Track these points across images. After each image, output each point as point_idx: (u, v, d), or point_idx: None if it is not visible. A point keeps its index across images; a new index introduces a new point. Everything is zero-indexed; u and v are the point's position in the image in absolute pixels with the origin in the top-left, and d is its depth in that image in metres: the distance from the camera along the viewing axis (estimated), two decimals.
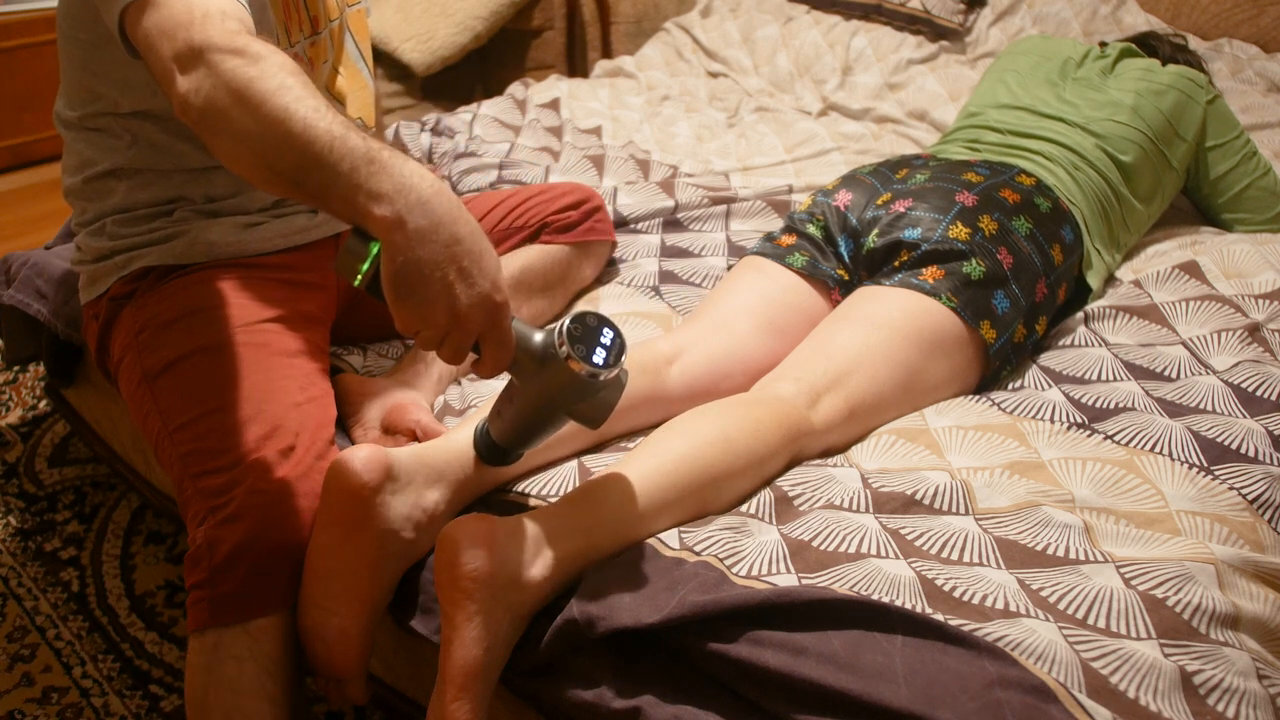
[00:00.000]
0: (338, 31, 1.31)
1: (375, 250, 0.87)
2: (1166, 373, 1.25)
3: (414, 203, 0.85)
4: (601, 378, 0.90)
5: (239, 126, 0.87)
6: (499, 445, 1.01)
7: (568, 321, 0.90)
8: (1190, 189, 1.64)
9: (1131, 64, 1.62)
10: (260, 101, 0.86)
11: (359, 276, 0.88)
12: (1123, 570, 0.93)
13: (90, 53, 1.15)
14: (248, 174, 0.91)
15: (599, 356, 0.90)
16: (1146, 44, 1.74)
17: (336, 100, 1.32)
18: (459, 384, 1.31)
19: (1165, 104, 1.53)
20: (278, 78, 0.87)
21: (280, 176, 0.88)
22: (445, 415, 1.25)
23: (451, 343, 0.88)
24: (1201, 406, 1.17)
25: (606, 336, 0.92)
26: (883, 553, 0.96)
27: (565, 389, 0.91)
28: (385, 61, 2.74)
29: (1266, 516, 1.03)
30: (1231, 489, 1.04)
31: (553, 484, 1.08)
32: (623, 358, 0.92)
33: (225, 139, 0.89)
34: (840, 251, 1.36)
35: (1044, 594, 0.91)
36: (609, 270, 1.56)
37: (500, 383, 1.21)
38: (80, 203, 1.25)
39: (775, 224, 1.71)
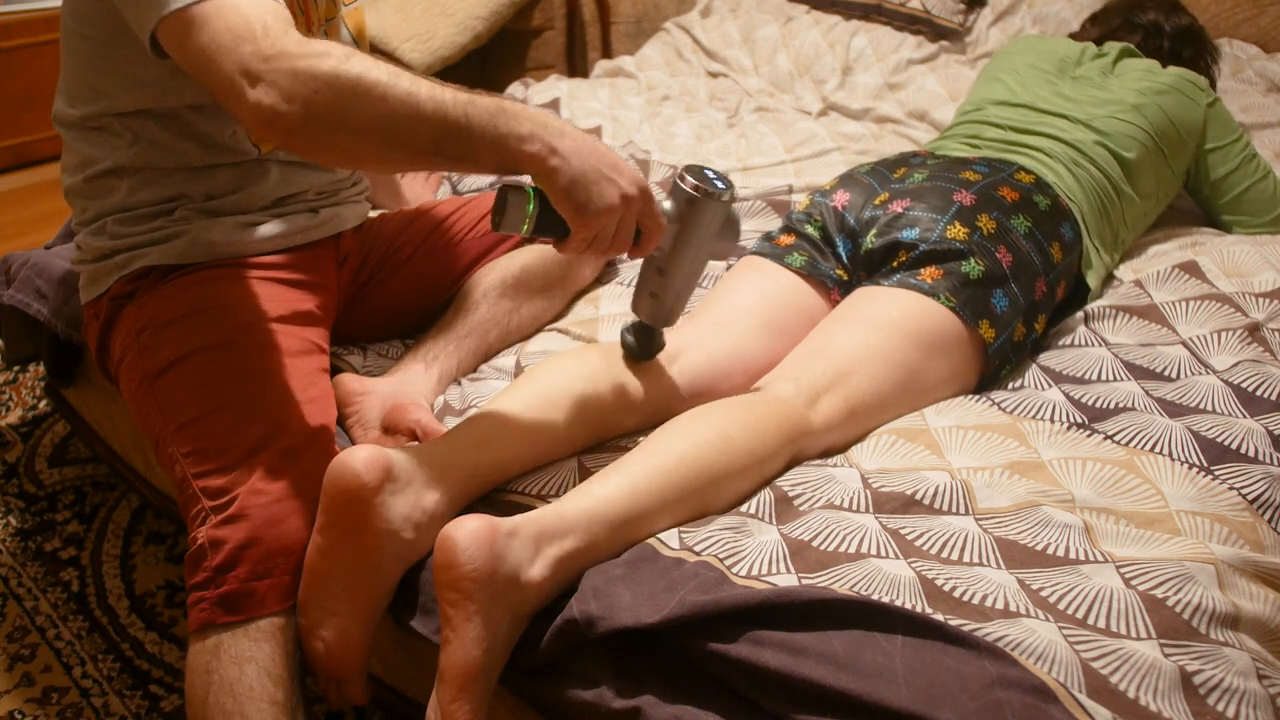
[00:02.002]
0: (335, 30, 1.31)
1: (533, 194, 0.99)
2: (1166, 373, 1.25)
3: (555, 131, 0.98)
4: (728, 198, 1.08)
5: (359, 120, 0.92)
6: (655, 329, 1.15)
7: (684, 175, 1.08)
8: (1190, 190, 1.64)
9: (1132, 64, 1.62)
10: (382, 91, 0.92)
11: (527, 222, 1.00)
12: (1123, 570, 0.93)
13: (100, 50, 1.15)
14: (373, 163, 1.00)
15: (720, 182, 1.08)
16: (1137, 25, 1.72)
17: None
18: (459, 384, 1.31)
19: (1167, 103, 1.53)
20: (378, 67, 0.93)
21: (419, 153, 0.95)
22: (445, 415, 1.25)
23: (624, 228, 1.02)
24: (1201, 406, 1.17)
25: (710, 171, 1.09)
26: (883, 553, 0.96)
27: (708, 225, 1.09)
28: (385, 61, 2.73)
29: (1266, 516, 1.03)
30: (1231, 489, 1.04)
31: (553, 484, 1.08)
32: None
33: (343, 136, 0.93)
34: (839, 252, 1.36)
35: (1044, 594, 0.91)
36: (609, 270, 1.56)
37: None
38: (81, 202, 1.25)
39: (775, 224, 1.71)
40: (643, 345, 1.17)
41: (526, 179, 1.00)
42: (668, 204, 1.09)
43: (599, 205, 0.99)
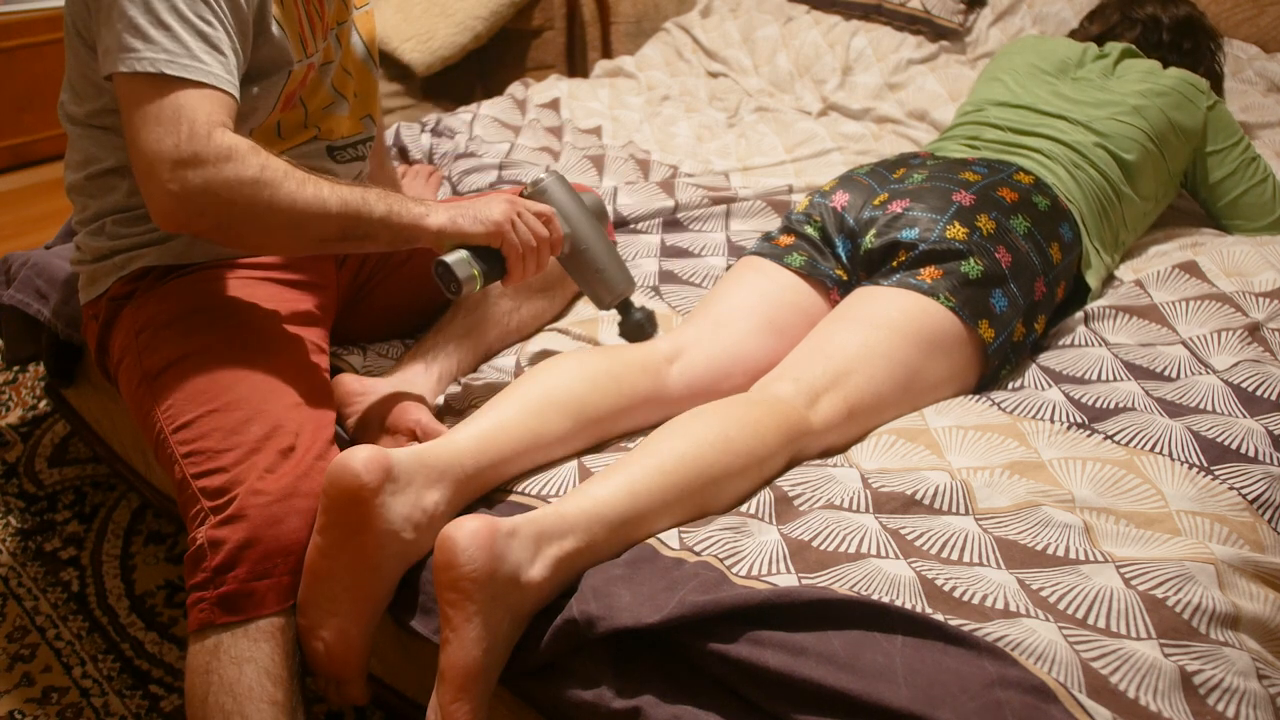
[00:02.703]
0: (345, 34, 1.32)
1: (461, 253, 1.14)
2: (1166, 373, 1.25)
3: (427, 205, 1.14)
4: (544, 176, 1.27)
5: (267, 223, 1.05)
6: (627, 302, 1.28)
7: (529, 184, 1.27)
8: (1189, 192, 1.64)
9: (1133, 65, 1.62)
10: (288, 197, 1.05)
11: (474, 268, 1.14)
12: (1123, 570, 0.93)
13: (91, 51, 1.15)
14: (284, 252, 1.17)
15: (541, 173, 1.29)
16: (1135, 19, 1.72)
17: (342, 96, 1.32)
18: (459, 384, 1.31)
19: (1167, 105, 1.53)
20: (289, 177, 1.05)
21: (327, 241, 1.10)
22: (445, 415, 1.25)
23: (530, 229, 1.17)
24: (1201, 406, 1.17)
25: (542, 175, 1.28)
26: (883, 553, 0.96)
27: (570, 193, 1.26)
28: (385, 61, 2.74)
29: (1266, 516, 1.03)
30: (1231, 489, 1.04)
31: (553, 484, 1.08)
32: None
33: (251, 235, 1.07)
34: (838, 252, 1.36)
35: (1044, 594, 0.91)
36: None
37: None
38: (82, 199, 1.25)
39: (775, 224, 1.71)
40: (628, 323, 1.28)
41: (446, 255, 1.14)
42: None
43: (498, 216, 1.15)
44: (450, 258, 1.13)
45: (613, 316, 1.35)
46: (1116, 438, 1.11)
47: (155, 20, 1.03)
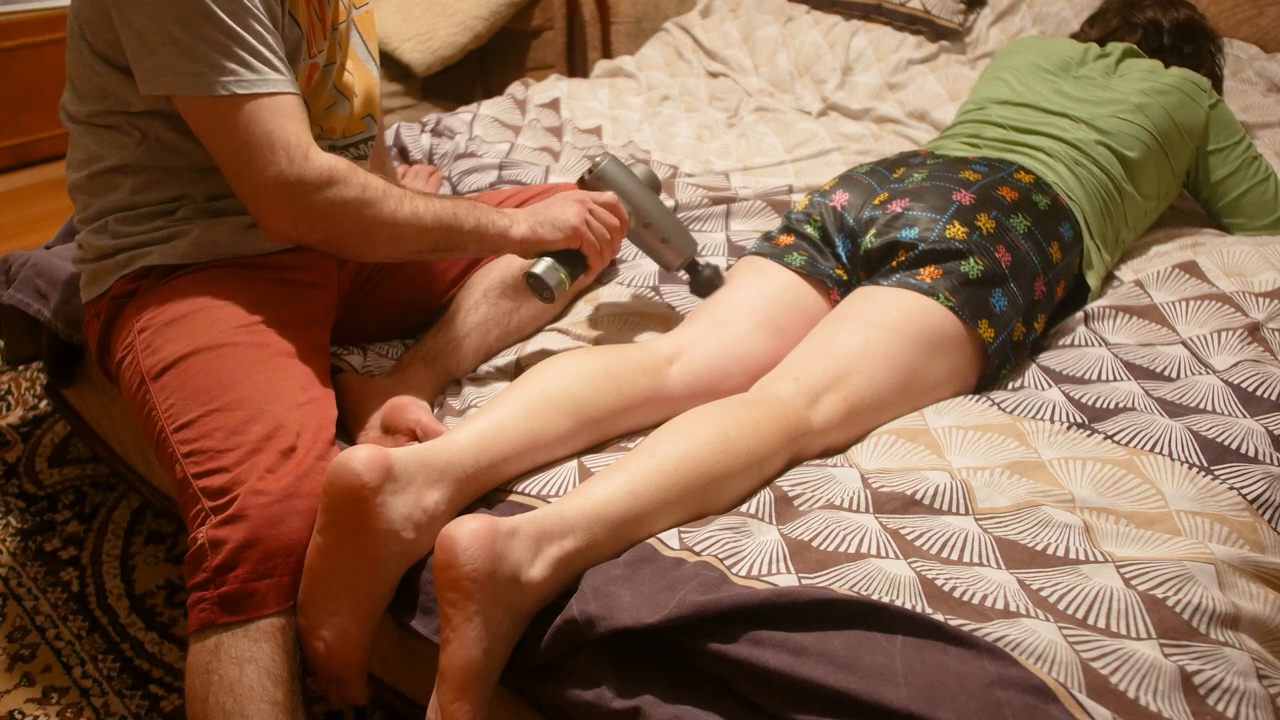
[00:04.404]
0: (345, 33, 1.32)
1: (545, 261, 1.27)
2: (1166, 373, 1.25)
3: (506, 214, 1.25)
4: (600, 159, 1.36)
5: (371, 241, 1.16)
6: (694, 261, 1.38)
7: (582, 177, 1.36)
8: (1190, 191, 1.64)
9: (1135, 64, 1.62)
10: (389, 217, 1.15)
11: (562, 273, 1.27)
12: (1123, 570, 0.93)
13: (104, 56, 1.15)
14: (381, 260, 1.24)
15: (599, 157, 1.37)
16: (1135, 24, 1.72)
17: (344, 96, 1.32)
18: (459, 384, 1.31)
19: (1169, 104, 1.53)
20: (388, 196, 1.15)
21: (420, 253, 1.21)
22: (445, 415, 1.25)
23: (602, 220, 1.30)
24: (1201, 406, 1.17)
25: (598, 157, 1.39)
26: (883, 553, 0.96)
27: (624, 180, 1.35)
28: (385, 61, 2.73)
29: (1266, 516, 1.03)
30: (1231, 489, 1.04)
31: (553, 484, 1.08)
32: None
33: (355, 249, 1.18)
34: (838, 251, 1.36)
35: (1044, 594, 0.91)
36: (609, 270, 1.56)
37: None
38: (84, 198, 1.25)
39: (775, 224, 1.71)
40: (698, 280, 1.38)
41: (531, 263, 1.28)
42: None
43: (569, 214, 1.27)
44: (539, 268, 1.26)
45: (620, 318, 1.36)
46: (1116, 438, 1.12)
47: (209, 40, 1.07)
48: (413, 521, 0.99)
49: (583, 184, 1.36)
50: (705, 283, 1.38)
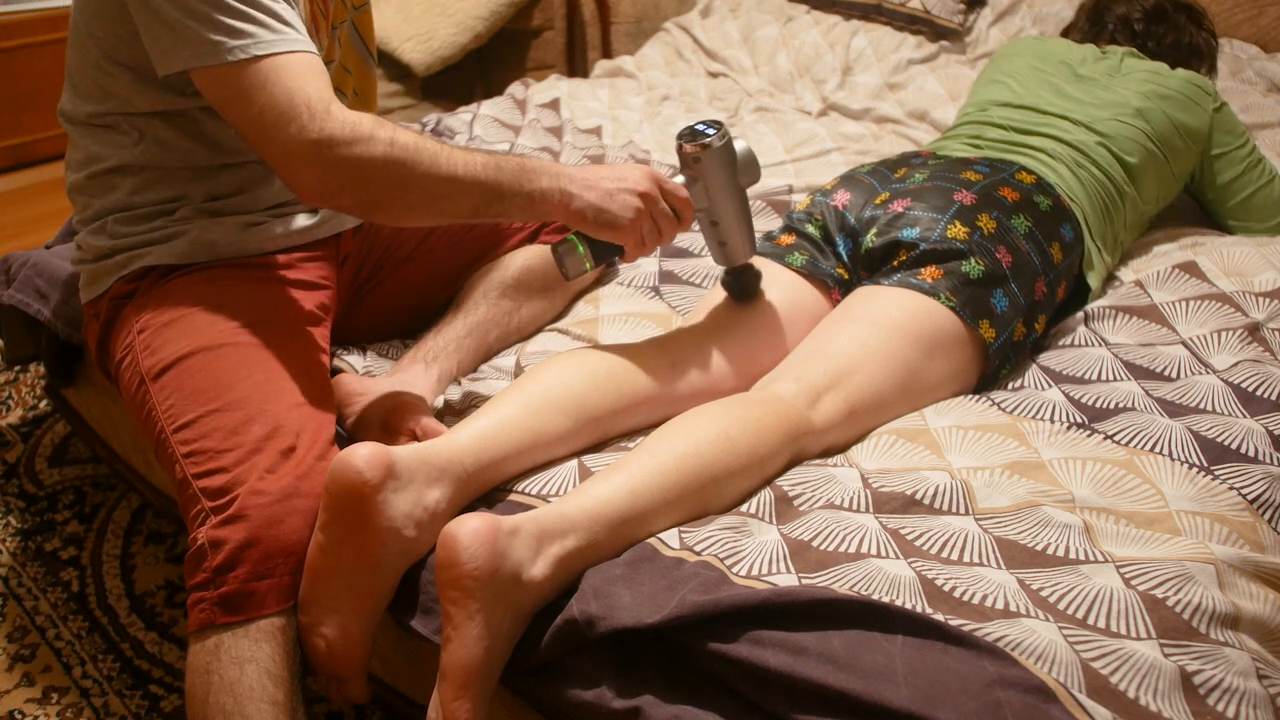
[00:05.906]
0: (345, 33, 1.32)
1: (576, 238, 1.17)
2: (1166, 372, 1.25)
3: (565, 177, 1.13)
4: (719, 141, 1.20)
5: (407, 198, 1.08)
6: (743, 267, 1.27)
7: (680, 143, 1.21)
8: (1194, 194, 1.64)
9: (1138, 65, 1.61)
10: (425, 170, 1.06)
11: (586, 262, 1.18)
12: (1123, 570, 0.93)
13: (111, 52, 1.15)
14: (420, 224, 1.18)
15: (710, 128, 1.21)
16: (1105, 25, 1.71)
17: (343, 95, 1.32)
18: (459, 384, 1.31)
19: (1171, 108, 1.53)
20: (421, 147, 1.07)
21: (460, 216, 1.12)
22: (445, 415, 1.25)
23: (659, 216, 1.17)
24: (1201, 406, 1.17)
25: (700, 124, 1.22)
26: (883, 553, 0.96)
27: (721, 168, 1.21)
28: (385, 61, 2.74)
29: (1266, 516, 1.03)
30: (1231, 489, 1.04)
31: (553, 484, 1.08)
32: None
33: (393, 210, 1.10)
34: (839, 251, 1.36)
35: (1044, 594, 0.91)
36: (609, 270, 1.56)
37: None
38: (83, 198, 1.25)
39: (775, 224, 1.71)
40: (741, 285, 1.28)
41: (562, 238, 1.18)
42: (679, 177, 1.22)
43: (626, 216, 1.14)
44: (563, 248, 1.18)
45: (620, 318, 1.35)
46: (1116, 438, 1.12)
47: (226, 8, 1.05)
48: (414, 519, 0.99)
49: (681, 151, 1.21)
50: (742, 289, 1.28)
